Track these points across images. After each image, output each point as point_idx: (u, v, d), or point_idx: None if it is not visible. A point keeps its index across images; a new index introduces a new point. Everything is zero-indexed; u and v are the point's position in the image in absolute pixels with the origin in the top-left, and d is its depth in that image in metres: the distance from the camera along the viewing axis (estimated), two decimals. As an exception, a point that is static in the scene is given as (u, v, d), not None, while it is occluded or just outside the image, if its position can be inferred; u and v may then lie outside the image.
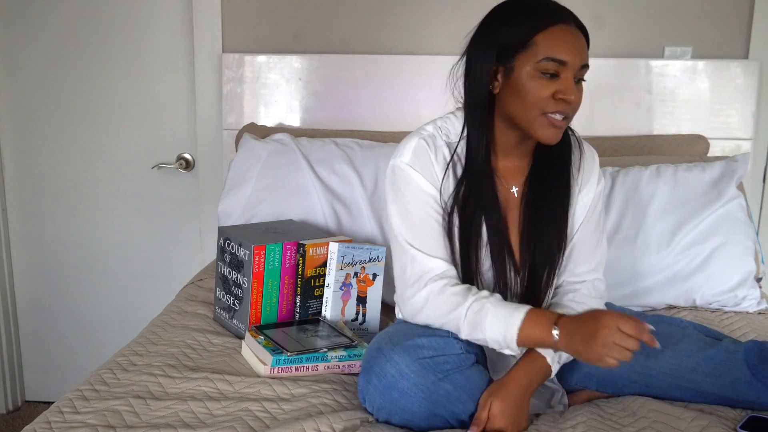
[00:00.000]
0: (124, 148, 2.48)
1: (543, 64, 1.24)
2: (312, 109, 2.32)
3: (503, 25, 1.29)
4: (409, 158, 1.34)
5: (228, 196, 1.97)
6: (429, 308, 1.30)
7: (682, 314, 1.76)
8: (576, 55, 1.25)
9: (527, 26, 1.26)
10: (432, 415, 1.24)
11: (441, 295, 1.29)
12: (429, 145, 1.34)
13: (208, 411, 1.28)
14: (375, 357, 1.25)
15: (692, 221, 1.82)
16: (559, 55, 1.24)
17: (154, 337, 1.60)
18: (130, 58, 2.41)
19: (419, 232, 1.33)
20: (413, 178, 1.33)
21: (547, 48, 1.24)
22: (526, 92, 1.26)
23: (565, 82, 1.25)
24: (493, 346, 1.27)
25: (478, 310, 1.26)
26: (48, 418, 1.24)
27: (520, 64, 1.26)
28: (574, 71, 1.26)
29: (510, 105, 1.30)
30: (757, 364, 1.29)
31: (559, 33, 1.25)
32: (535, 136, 1.30)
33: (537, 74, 1.25)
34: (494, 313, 1.25)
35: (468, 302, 1.27)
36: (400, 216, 1.35)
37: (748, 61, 2.20)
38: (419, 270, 1.32)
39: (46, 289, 2.62)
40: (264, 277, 1.61)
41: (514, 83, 1.27)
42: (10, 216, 2.57)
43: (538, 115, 1.27)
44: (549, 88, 1.25)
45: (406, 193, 1.34)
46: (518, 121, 1.30)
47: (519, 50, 1.26)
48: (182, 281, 2.11)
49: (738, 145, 2.22)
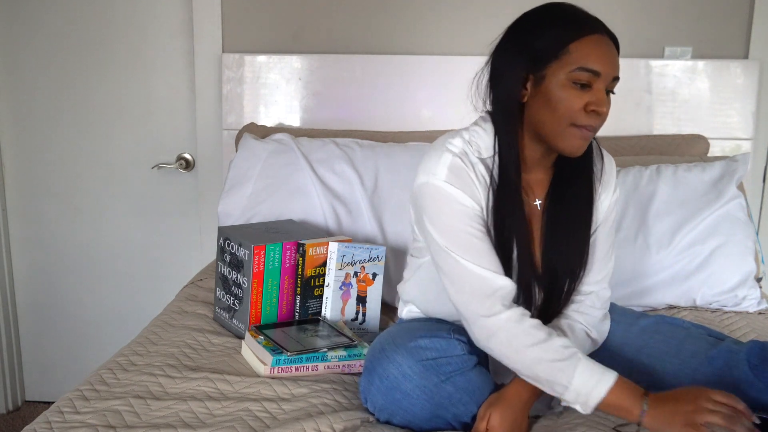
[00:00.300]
0: (124, 149, 2.48)
1: (576, 73, 1.20)
2: (312, 109, 2.32)
3: (535, 33, 1.24)
4: (445, 176, 1.26)
5: (228, 196, 1.97)
6: (505, 335, 1.23)
7: (682, 314, 1.76)
8: (610, 66, 1.22)
9: (561, 34, 1.21)
10: (434, 417, 1.24)
11: (520, 324, 1.23)
12: (465, 163, 1.27)
13: (208, 411, 1.28)
14: (378, 358, 1.25)
15: (692, 221, 1.82)
16: (594, 65, 1.20)
17: (154, 337, 1.60)
18: (130, 58, 2.41)
19: (473, 249, 1.26)
20: (455, 196, 1.26)
21: (581, 57, 1.20)
22: (557, 102, 1.22)
23: (597, 94, 1.22)
24: (566, 397, 1.20)
25: (568, 357, 1.20)
26: (48, 418, 1.24)
27: (552, 73, 1.22)
28: (606, 82, 1.23)
29: (539, 115, 1.25)
30: (759, 365, 1.29)
31: (594, 43, 1.21)
32: (561, 147, 1.26)
33: (569, 84, 1.21)
34: (585, 367, 1.19)
35: (555, 343, 1.21)
36: (447, 236, 1.27)
37: (748, 61, 2.20)
38: (488, 287, 1.25)
39: (46, 290, 2.62)
40: (264, 277, 1.61)
41: (545, 92, 1.23)
42: (10, 217, 2.57)
43: (567, 126, 1.23)
44: (581, 98, 1.21)
45: (448, 211, 1.27)
46: (545, 132, 1.26)
47: (551, 59, 1.22)
48: (182, 281, 2.11)
49: (738, 145, 2.22)
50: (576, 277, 1.35)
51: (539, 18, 1.26)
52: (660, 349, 1.37)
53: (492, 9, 2.24)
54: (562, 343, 1.21)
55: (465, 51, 2.27)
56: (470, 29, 2.26)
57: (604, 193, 1.39)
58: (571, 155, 1.27)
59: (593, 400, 1.17)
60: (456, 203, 1.26)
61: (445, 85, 2.25)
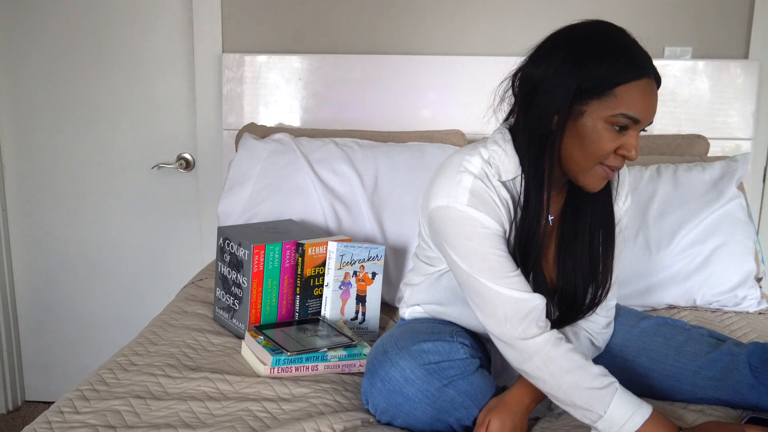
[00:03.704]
0: (123, 148, 2.48)
1: (619, 119, 1.16)
2: (312, 109, 2.32)
3: (587, 65, 1.16)
4: (468, 200, 1.22)
5: (228, 196, 1.97)
6: (542, 360, 1.20)
7: (682, 314, 1.77)
8: (650, 113, 1.18)
9: (612, 74, 1.15)
10: (436, 421, 1.24)
11: (557, 348, 1.20)
12: (487, 185, 1.23)
13: (208, 411, 1.28)
14: (380, 360, 1.25)
15: (692, 221, 1.82)
16: (636, 113, 1.16)
17: (154, 337, 1.60)
18: (130, 58, 2.41)
19: (502, 272, 1.22)
20: (479, 220, 1.22)
21: (626, 103, 1.15)
22: (591, 141, 1.18)
23: (630, 139, 1.18)
24: (599, 426, 1.17)
25: (607, 385, 1.17)
26: (48, 418, 1.24)
27: (593, 111, 1.17)
28: (642, 127, 1.19)
29: (568, 147, 1.20)
30: (760, 367, 1.28)
31: (641, 89, 1.16)
32: (582, 182, 1.23)
33: (607, 126, 1.17)
34: (621, 396, 1.16)
35: (593, 370, 1.19)
36: (472, 261, 1.23)
37: (748, 61, 2.20)
38: (522, 309, 1.21)
39: (46, 289, 2.62)
40: (263, 277, 1.61)
41: (581, 128, 1.18)
42: (10, 216, 2.57)
43: (594, 165, 1.20)
44: (615, 141, 1.17)
45: (473, 235, 1.22)
46: (570, 165, 1.22)
47: (595, 95, 1.16)
48: (182, 281, 2.11)
49: (738, 145, 2.22)
50: (595, 295, 1.33)
51: (591, 43, 1.18)
52: (660, 351, 1.37)
53: (492, 9, 2.24)
54: (599, 371, 1.19)
55: (465, 51, 2.27)
56: (470, 29, 2.26)
57: (616, 203, 1.36)
58: (589, 191, 1.25)
59: (629, 429, 1.15)
60: (480, 227, 1.22)
61: (445, 85, 2.25)
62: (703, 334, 1.40)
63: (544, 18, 2.21)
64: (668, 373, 1.35)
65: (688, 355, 1.34)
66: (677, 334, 1.39)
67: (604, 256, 1.33)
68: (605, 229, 1.33)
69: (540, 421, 1.33)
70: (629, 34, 1.20)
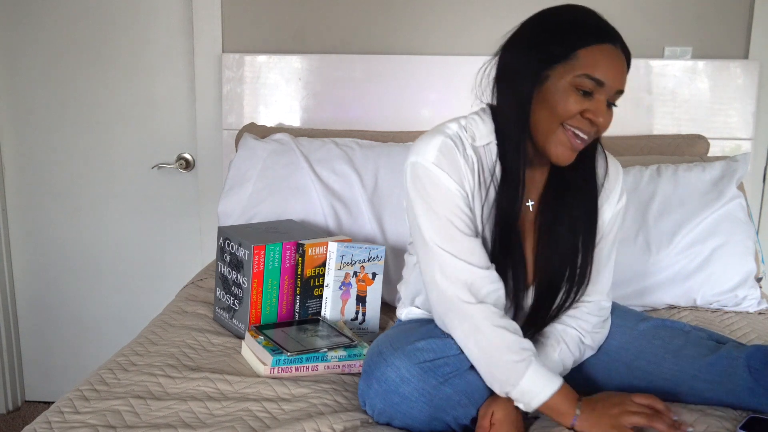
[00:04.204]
0: (123, 148, 2.48)
1: (580, 80, 1.20)
2: (312, 109, 2.32)
3: (548, 33, 1.23)
4: (434, 157, 1.26)
5: (228, 196, 1.97)
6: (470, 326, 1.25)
7: (682, 314, 1.77)
8: (615, 78, 1.21)
9: (573, 38, 1.21)
10: (433, 420, 1.24)
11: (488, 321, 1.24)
12: (456, 145, 1.28)
13: (208, 411, 1.28)
14: (376, 361, 1.25)
15: (692, 221, 1.82)
16: (599, 74, 1.19)
17: (154, 337, 1.60)
18: (129, 58, 2.41)
19: (450, 235, 1.26)
20: (440, 179, 1.26)
21: (587, 65, 1.19)
22: (556, 103, 1.22)
23: (597, 103, 1.21)
24: (512, 395, 1.23)
25: (523, 359, 1.23)
26: (48, 418, 1.24)
27: (557, 75, 1.21)
28: (609, 94, 1.22)
29: (536, 114, 1.24)
30: (760, 369, 1.28)
31: (603, 52, 1.20)
32: (549, 152, 1.25)
33: (571, 89, 1.21)
34: (535, 370, 1.22)
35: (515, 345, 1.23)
36: (428, 219, 1.27)
37: (748, 61, 2.20)
38: (466, 275, 1.25)
39: (46, 289, 2.62)
40: (264, 277, 1.61)
41: (546, 92, 1.22)
42: (10, 216, 2.57)
43: (558, 126, 1.23)
44: (580, 104, 1.21)
45: (433, 193, 1.27)
46: (538, 131, 1.25)
47: (559, 60, 1.21)
48: (182, 281, 2.11)
49: (738, 145, 2.22)
50: (573, 288, 1.34)
51: (555, 18, 1.25)
52: (658, 354, 1.36)
53: (492, 9, 2.24)
54: (520, 345, 1.24)
55: (465, 51, 2.27)
56: (470, 29, 2.26)
57: (606, 201, 1.37)
58: (557, 163, 1.26)
59: (536, 402, 1.22)
60: (441, 186, 1.26)
61: (445, 85, 2.25)
62: (703, 337, 1.39)
63: (544, 18, 2.22)
64: (666, 377, 1.34)
65: (687, 359, 1.34)
66: (676, 337, 1.38)
67: (584, 249, 1.34)
68: (587, 220, 1.34)
69: (539, 419, 1.33)
70: (598, 13, 1.25)
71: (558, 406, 1.22)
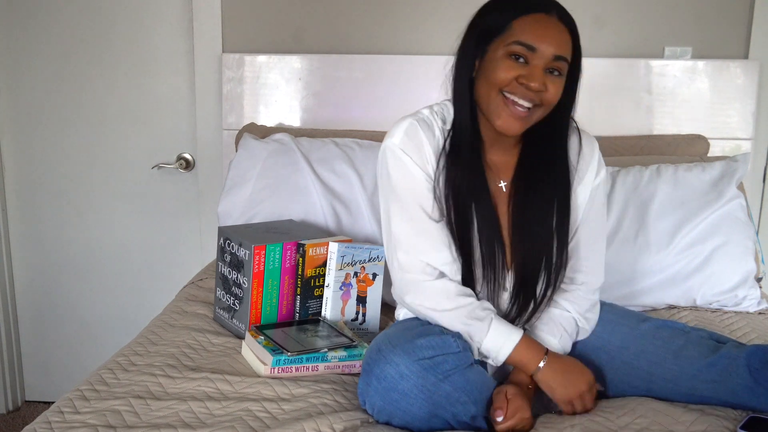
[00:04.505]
0: (124, 148, 2.48)
1: (512, 47, 1.26)
2: (312, 109, 2.32)
3: (486, 13, 1.33)
4: (400, 140, 1.35)
5: (228, 196, 1.97)
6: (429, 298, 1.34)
7: (682, 314, 1.77)
8: (549, 43, 1.25)
9: (506, 12, 1.29)
10: (432, 417, 1.24)
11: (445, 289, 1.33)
12: (422, 128, 1.35)
13: (208, 411, 1.28)
14: (375, 359, 1.25)
15: (692, 221, 1.82)
16: (530, 40, 1.25)
17: (154, 337, 1.60)
18: (130, 58, 2.42)
19: (411, 216, 1.35)
20: (404, 162, 1.34)
21: (520, 33, 1.26)
22: (492, 71, 1.28)
23: (531, 69, 1.26)
24: (483, 352, 1.33)
25: (483, 318, 1.32)
26: (48, 418, 1.24)
27: (494, 48, 1.29)
28: (545, 60, 1.26)
29: (479, 88, 1.32)
30: (760, 368, 1.28)
31: (535, 20, 1.26)
32: (495, 122, 1.30)
33: (506, 57, 1.27)
34: (496, 327, 1.31)
35: (474, 307, 1.33)
36: (391, 200, 1.36)
37: (748, 61, 2.20)
38: (414, 256, 1.34)
39: (46, 290, 2.62)
40: (264, 277, 1.61)
41: (486, 66, 1.30)
42: (10, 216, 2.57)
43: (497, 95, 1.28)
44: (514, 70, 1.26)
45: (396, 176, 1.35)
46: (483, 105, 1.32)
47: (496, 35, 1.29)
48: (182, 281, 2.11)
49: (738, 145, 2.22)
50: (552, 270, 1.37)
51: (494, 1, 1.34)
52: (659, 354, 1.36)
53: (492, 9, 2.24)
54: (479, 306, 1.32)
55: (465, 51, 2.27)
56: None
57: (581, 183, 1.40)
58: (505, 133, 1.31)
59: (501, 356, 1.31)
60: (404, 169, 1.34)
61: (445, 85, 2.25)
62: (703, 337, 1.40)
63: (544, 18, 2.22)
64: (667, 377, 1.34)
65: (687, 359, 1.34)
66: (676, 337, 1.38)
67: (558, 231, 1.37)
68: (560, 202, 1.37)
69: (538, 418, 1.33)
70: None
71: (521, 358, 1.31)
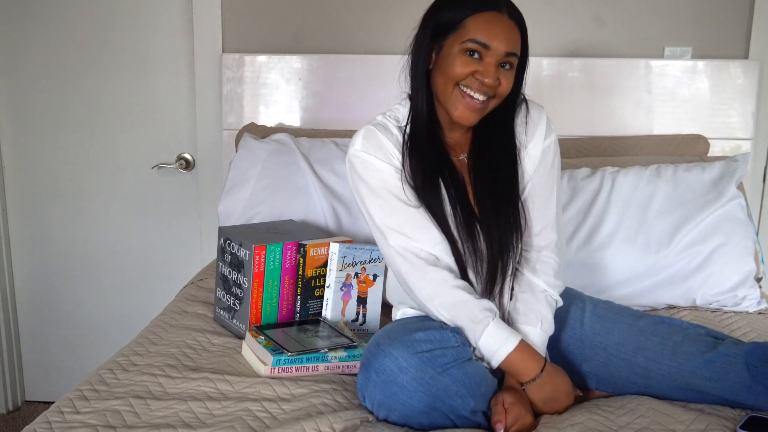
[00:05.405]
0: (124, 148, 2.48)
1: (467, 44, 1.34)
2: (312, 109, 2.32)
3: (441, 9, 1.40)
4: (361, 145, 1.42)
5: (228, 196, 1.97)
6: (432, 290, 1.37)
7: (682, 314, 1.77)
8: (500, 41, 1.33)
9: (461, 10, 1.36)
10: (431, 410, 1.24)
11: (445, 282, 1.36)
12: (379, 130, 1.42)
13: (208, 411, 1.29)
14: (374, 353, 1.26)
15: (692, 221, 1.82)
16: (483, 38, 1.33)
17: (154, 337, 1.60)
18: (130, 58, 2.42)
19: (392, 209, 1.40)
20: (370, 162, 1.41)
21: (473, 30, 1.34)
22: (448, 66, 1.36)
23: (485, 65, 1.34)
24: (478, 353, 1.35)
25: (481, 320, 1.34)
26: (48, 418, 1.25)
27: (450, 44, 1.36)
28: (497, 57, 1.34)
29: (436, 80, 1.39)
30: (759, 366, 1.28)
31: (487, 19, 1.34)
32: (452, 113, 1.38)
33: (461, 53, 1.35)
34: (492, 329, 1.33)
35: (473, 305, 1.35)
36: (370, 200, 1.41)
37: (748, 61, 2.20)
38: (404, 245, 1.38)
39: (46, 289, 2.62)
40: (264, 278, 1.61)
41: (442, 60, 1.37)
42: (10, 216, 2.57)
43: (454, 88, 1.36)
44: (469, 66, 1.34)
45: (367, 176, 1.41)
46: (440, 96, 1.39)
47: (450, 31, 1.36)
48: (182, 281, 2.11)
49: (738, 145, 2.22)
50: (514, 222, 1.42)
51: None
52: (657, 351, 1.37)
53: (492, 9, 2.24)
54: (479, 306, 1.34)
55: (465, 51, 2.27)
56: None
57: (531, 141, 1.47)
58: (462, 123, 1.39)
59: (495, 361, 1.33)
60: (372, 168, 1.41)
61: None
62: (701, 333, 1.40)
63: (542, 18, 2.21)
64: (665, 373, 1.34)
65: (685, 356, 1.34)
66: (674, 334, 1.39)
67: (508, 193, 1.43)
68: (507, 169, 1.45)
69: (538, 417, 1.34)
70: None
71: (516, 366, 1.32)
